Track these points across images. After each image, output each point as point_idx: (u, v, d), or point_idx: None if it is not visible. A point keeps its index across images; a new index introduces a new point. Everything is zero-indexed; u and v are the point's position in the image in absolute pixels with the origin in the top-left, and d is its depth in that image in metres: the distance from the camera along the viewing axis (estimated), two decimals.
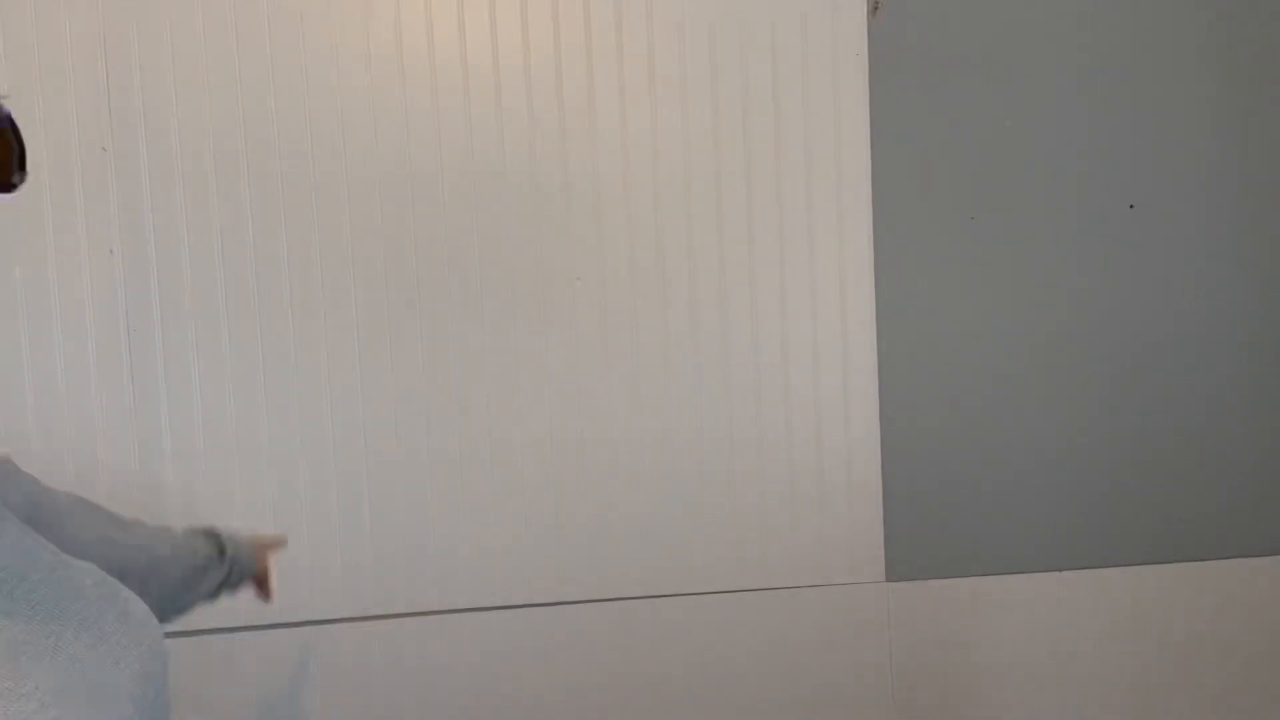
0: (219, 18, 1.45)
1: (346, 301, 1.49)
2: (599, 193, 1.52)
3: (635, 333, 1.54)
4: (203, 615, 1.01)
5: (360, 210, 1.48)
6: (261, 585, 1.10)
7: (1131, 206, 1.61)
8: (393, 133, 1.48)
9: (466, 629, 1.53)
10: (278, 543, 1.16)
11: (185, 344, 1.46)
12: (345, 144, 1.47)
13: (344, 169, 1.47)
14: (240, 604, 1.10)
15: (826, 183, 1.55)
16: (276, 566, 1.13)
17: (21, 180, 0.51)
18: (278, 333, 1.48)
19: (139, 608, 0.55)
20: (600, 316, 1.53)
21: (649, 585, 1.56)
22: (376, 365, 1.50)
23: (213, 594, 0.97)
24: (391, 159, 1.48)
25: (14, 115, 0.51)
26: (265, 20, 1.46)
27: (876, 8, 1.55)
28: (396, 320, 1.50)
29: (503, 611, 1.54)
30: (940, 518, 1.61)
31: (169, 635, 0.60)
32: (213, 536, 0.98)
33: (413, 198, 1.49)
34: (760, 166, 1.54)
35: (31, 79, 1.42)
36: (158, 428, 1.46)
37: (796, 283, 1.55)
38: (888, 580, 1.60)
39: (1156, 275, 1.62)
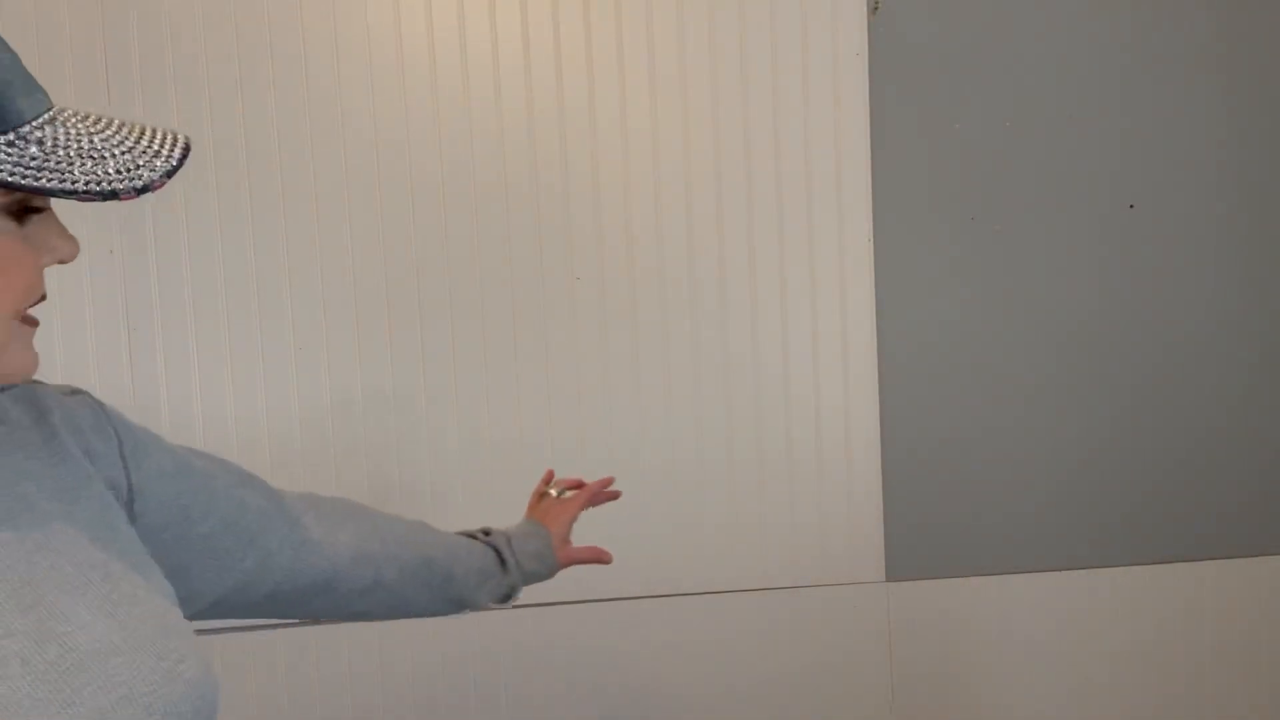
0: (219, 17, 1.45)
1: (346, 301, 1.49)
2: (599, 193, 1.52)
3: (635, 333, 1.53)
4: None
5: (360, 210, 1.48)
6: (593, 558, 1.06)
7: (1131, 206, 1.61)
8: (392, 132, 1.48)
9: (465, 629, 1.53)
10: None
11: (185, 343, 1.47)
12: (345, 143, 1.47)
13: (344, 169, 1.47)
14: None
15: (826, 182, 1.55)
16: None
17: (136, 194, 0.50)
18: (278, 333, 1.48)
19: (192, 672, 0.56)
20: (600, 316, 1.53)
21: (649, 585, 1.56)
22: (376, 365, 1.50)
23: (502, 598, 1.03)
24: (391, 159, 1.48)
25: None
26: (266, 20, 1.46)
27: (876, 8, 1.55)
28: (396, 320, 1.50)
29: (501, 612, 1.54)
30: (940, 518, 1.61)
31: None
32: (490, 549, 1.00)
33: (412, 197, 1.49)
34: (760, 166, 1.54)
35: None
36: (158, 427, 1.46)
37: (797, 283, 1.55)
38: (888, 580, 1.60)
39: (1156, 275, 1.62)
